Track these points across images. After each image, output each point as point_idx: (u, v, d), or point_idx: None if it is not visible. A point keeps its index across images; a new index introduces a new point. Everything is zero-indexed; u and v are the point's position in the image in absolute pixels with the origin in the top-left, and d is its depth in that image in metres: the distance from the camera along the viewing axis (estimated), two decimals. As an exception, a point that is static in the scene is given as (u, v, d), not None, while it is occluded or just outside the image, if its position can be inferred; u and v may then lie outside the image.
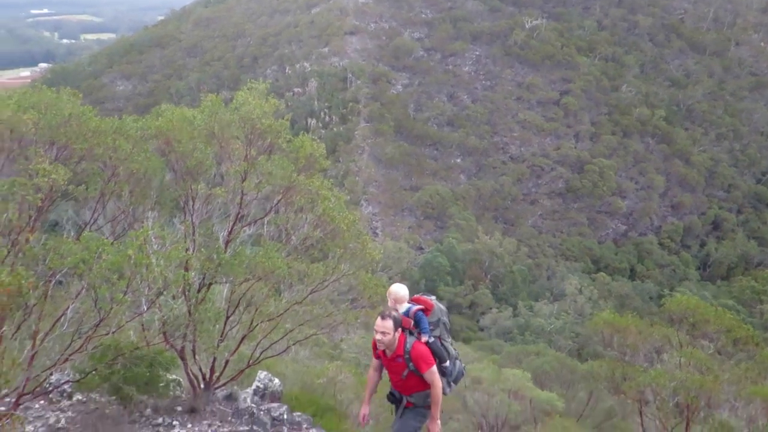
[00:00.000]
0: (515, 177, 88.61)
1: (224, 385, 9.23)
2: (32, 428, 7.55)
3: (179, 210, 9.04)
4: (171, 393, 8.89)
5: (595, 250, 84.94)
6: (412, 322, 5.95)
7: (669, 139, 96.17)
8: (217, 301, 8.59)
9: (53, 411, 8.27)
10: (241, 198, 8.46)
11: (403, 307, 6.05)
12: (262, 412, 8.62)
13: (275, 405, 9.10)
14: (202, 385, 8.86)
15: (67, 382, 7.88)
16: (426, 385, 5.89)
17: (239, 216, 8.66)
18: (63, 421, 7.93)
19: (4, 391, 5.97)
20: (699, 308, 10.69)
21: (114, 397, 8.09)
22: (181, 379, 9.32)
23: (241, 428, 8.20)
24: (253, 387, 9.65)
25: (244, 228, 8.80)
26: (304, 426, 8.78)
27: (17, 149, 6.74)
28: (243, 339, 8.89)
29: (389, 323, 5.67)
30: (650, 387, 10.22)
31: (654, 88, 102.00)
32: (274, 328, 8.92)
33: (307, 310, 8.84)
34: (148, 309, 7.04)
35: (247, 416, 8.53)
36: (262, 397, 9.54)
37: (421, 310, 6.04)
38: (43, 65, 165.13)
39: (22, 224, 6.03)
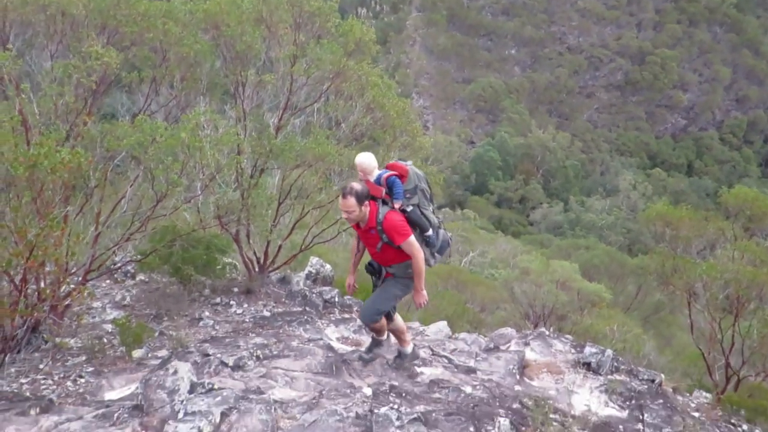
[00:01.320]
0: (572, 69, 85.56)
1: (278, 268, 9.55)
2: (100, 304, 8.01)
3: (230, 97, 9.08)
4: (227, 275, 9.26)
5: (652, 145, 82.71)
6: (384, 190, 5.45)
7: (739, 28, 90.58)
8: (269, 189, 8.74)
9: (119, 289, 8.74)
10: (291, 84, 8.40)
11: (374, 175, 5.57)
12: (314, 295, 8.93)
13: (327, 288, 9.41)
14: (256, 269, 9.19)
15: (129, 261, 8.26)
16: (405, 256, 5.51)
17: (289, 103, 8.64)
18: (128, 298, 8.39)
19: (73, 269, 6.28)
20: (757, 201, 10.34)
21: (174, 278, 8.47)
22: (236, 263, 9.68)
23: (295, 308, 8.53)
24: (306, 271, 9.97)
25: (294, 115, 8.80)
26: (355, 308, 9.08)
27: (70, 32, 6.79)
28: (295, 225, 9.09)
29: (351, 200, 5.23)
30: (701, 279, 10.08)
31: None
32: (324, 216, 9.08)
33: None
34: (202, 193, 7.23)
35: (300, 298, 8.85)
36: (314, 281, 9.86)
37: (394, 176, 5.48)
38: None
39: (79, 107, 6.15)
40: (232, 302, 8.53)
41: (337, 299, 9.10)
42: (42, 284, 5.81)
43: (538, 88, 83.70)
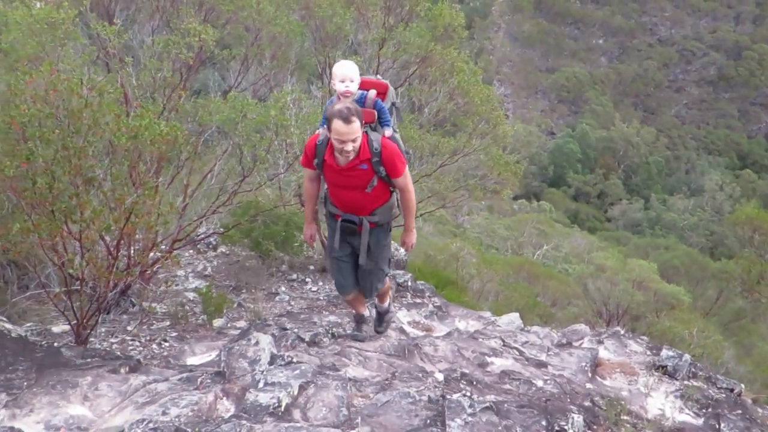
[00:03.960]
0: (662, 61, 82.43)
1: (353, 249, 9.67)
2: (183, 273, 8.34)
3: (316, 77, 9.22)
4: (304, 253, 9.46)
5: (743, 144, 78.93)
6: (376, 114, 4.45)
7: None
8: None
9: (201, 260, 9.07)
10: (377, 66, 8.46)
11: (354, 92, 4.51)
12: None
13: (400, 272, 9.46)
14: (332, 248, 9.33)
15: (213, 233, 8.55)
16: (387, 195, 4.57)
17: (374, 85, 8.71)
18: (209, 269, 8.70)
19: (160, 238, 6.56)
20: None
21: (254, 252, 8.73)
22: (313, 241, 9.86)
23: (368, 290, 8.63)
24: (380, 254, 10.04)
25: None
26: (427, 294, 9.10)
27: (170, 9, 7.05)
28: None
29: (356, 125, 4.02)
30: (790, 288, 9.63)
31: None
32: (401, 200, 9.13)
33: (433, 185, 8.94)
34: (285, 171, 7.39)
35: (373, 280, 8.94)
36: (388, 264, 9.92)
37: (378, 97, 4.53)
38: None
39: (176, 82, 6.38)
40: (307, 279, 8.71)
41: (410, 283, 9.14)
42: (131, 250, 6.10)
43: (625, 80, 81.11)
